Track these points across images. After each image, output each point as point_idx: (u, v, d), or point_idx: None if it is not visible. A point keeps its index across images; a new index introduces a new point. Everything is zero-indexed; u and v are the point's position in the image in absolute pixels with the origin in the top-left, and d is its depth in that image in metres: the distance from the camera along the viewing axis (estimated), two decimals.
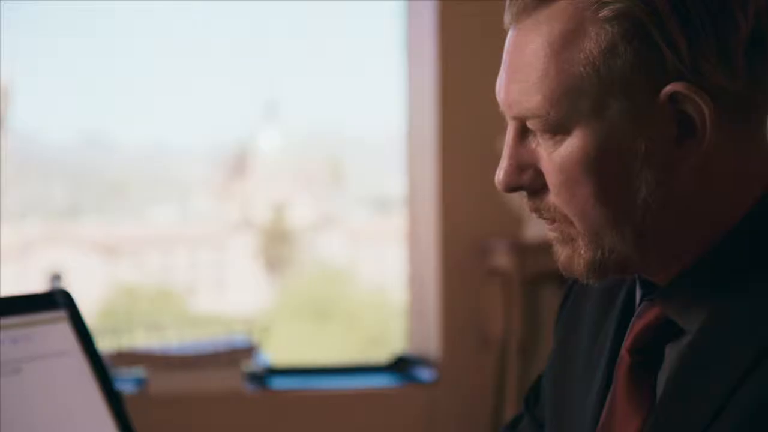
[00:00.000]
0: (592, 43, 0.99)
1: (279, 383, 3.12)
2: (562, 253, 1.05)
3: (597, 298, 1.14)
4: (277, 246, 4.47)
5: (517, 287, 2.94)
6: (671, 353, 1.05)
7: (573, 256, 1.04)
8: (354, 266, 4.47)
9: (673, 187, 1.00)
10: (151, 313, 4.23)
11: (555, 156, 1.01)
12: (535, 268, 2.92)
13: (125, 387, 2.97)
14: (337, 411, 3.05)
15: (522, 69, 1.02)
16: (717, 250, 1.02)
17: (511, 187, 1.05)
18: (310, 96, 3.95)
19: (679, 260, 1.03)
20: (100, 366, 1.73)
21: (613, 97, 0.99)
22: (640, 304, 1.09)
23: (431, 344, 3.12)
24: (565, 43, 1.00)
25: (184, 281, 4.53)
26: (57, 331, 1.72)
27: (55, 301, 1.73)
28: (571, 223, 1.02)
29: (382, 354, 3.34)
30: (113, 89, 3.85)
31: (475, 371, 3.04)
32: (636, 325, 1.08)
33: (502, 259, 2.97)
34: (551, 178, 1.02)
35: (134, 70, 3.84)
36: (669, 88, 0.98)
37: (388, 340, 3.83)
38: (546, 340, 3.00)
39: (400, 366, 3.21)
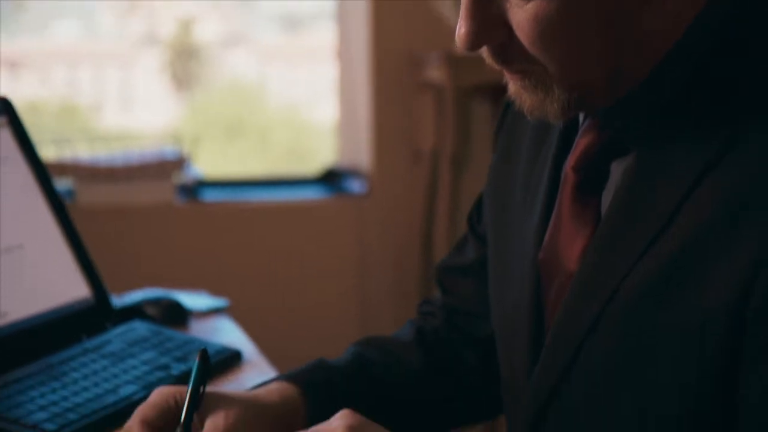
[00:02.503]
0: None
1: (210, 195, 3.11)
2: (530, 98, 1.04)
3: (534, 121, 1.14)
4: (184, 63, 4.38)
5: (449, 100, 2.94)
6: (616, 171, 1.06)
7: (545, 100, 1.03)
8: (264, 84, 4.42)
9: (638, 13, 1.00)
10: (56, 130, 4.14)
11: (529, 6, 0.98)
12: (468, 81, 2.92)
13: None
14: (268, 222, 3.07)
15: None
16: (661, 68, 1.02)
17: (476, 46, 1.01)
18: None
19: (629, 82, 1.03)
20: (42, 172, 1.70)
21: None
22: (583, 124, 1.10)
23: (362, 157, 3.13)
24: None
25: (89, 98, 4.42)
26: None
27: None
28: (545, 70, 1.01)
29: (298, 170, 3.34)
30: None
31: (407, 183, 3.06)
32: (580, 144, 1.08)
33: (435, 71, 2.97)
34: (526, 30, 0.99)
35: None
36: None
37: (304, 156, 3.83)
38: (477, 153, 3.03)
39: (331, 178, 3.22)
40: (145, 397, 1.22)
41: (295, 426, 1.16)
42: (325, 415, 1.12)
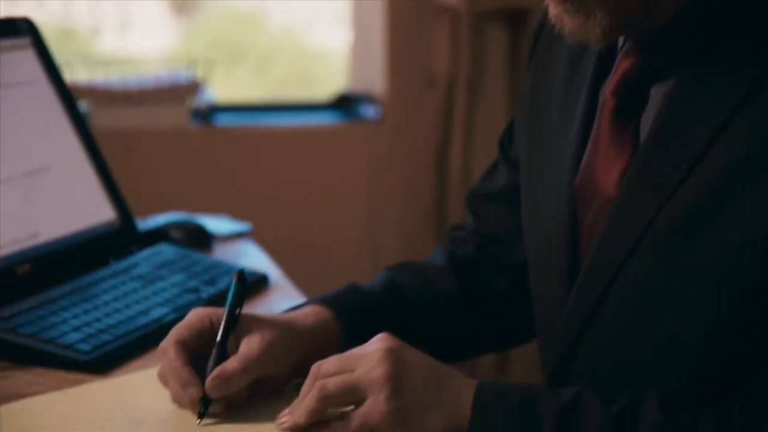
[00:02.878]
0: None
1: (223, 119, 3.10)
2: (571, 21, 1.05)
3: (569, 44, 1.14)
4: None
5: (465, 25, 2.92)
6: (656, 95, 1.06)
7: (587, 24, 1.04)
8: (266, 8, 4.37)
9: None
10: (55, 54, 4.11)
11: None
12: (485, 5, 2.90)
13: None
14: (281, 148, 3.06)
15: None
16: None
17: None
18: None
19: (665, 9, 1.04)
20: (66, 94, 1.70)
21: None
22: (623, 48, 1.09)
23: (376, 82, 3.12)
24: None
25: (87, 21, 4.39)
26: (22, 58, 1.68)
27: (18, 28, 1.68)
28: None
29: (300, 96, 3.32)
30: None
31: (421, 109, 3.05)
32: (620, 67, 1.08)
33: None
34: None
35: None
36: None
37: (307, 82, 3.80)
38: (493, 79, 3.02)
39: (343, 104, 3.21)
40: (176, 320, 1.23)
41: (329, 349, 1.17)
42: (360, 340, 1.13)
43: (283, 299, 1.52)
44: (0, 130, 1.53)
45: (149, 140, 2.95)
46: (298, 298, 1.49)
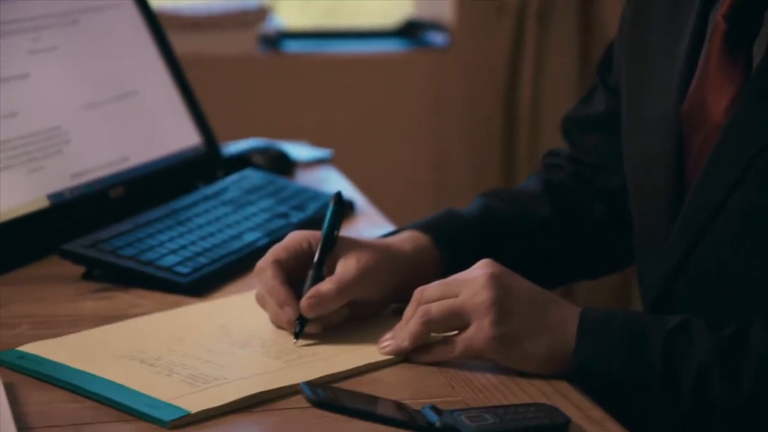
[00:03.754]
0: None
1: (291, 46, 3.09)
2: None
3: None
4: None
5: None
6: None
7: None
8: None
9: None
10: None
11: None
12: None
13: None
14: (348, 74, 3.05)
15: None
16: None
17: None
18: None
19: None
20: (152, 19, 1.70)
21: None
22: None
23: (444, 9, 3.09)
24: None
25: None
26: None
27: None
28: None
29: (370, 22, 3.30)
30: None
31: (490, 37, 3.02)
32: None
33: None
34: None
35: None
36: None
37: (376, 8, 3.77)
38: (564, 7, 2.97)
39: (411, 31, 3.18)
40: (268, 244, 1.23)
41: (427, 275, 1.17)
42: (458, 265, 1.13)
43: (370, 226, 1.52)
44: (89, 54, 1.54)
45: (217, 66, 2.95)
46: (385, 226, 1.49)
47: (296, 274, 1.14)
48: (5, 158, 1.35)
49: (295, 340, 1.10)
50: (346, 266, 1.12)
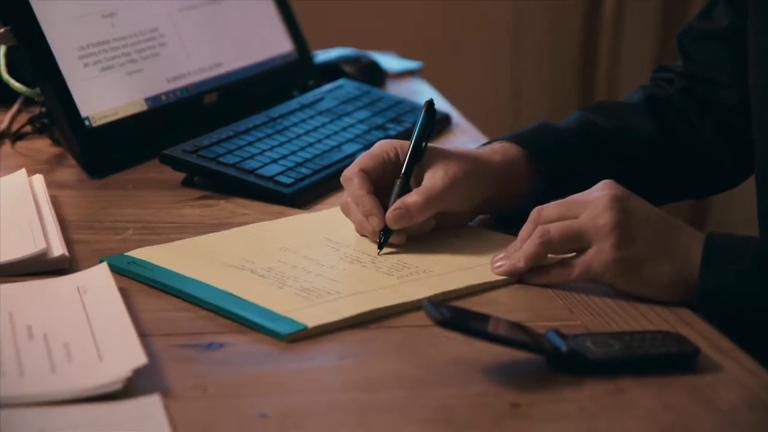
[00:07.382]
0: None
1: None
2: None
3: None
4: None
5: None
6: None
7: None
8: None
9: None
10: None
11: None
12: None
13: None
14: None
15: None
16: None
17: None
18: None
19: None
20: None
21: None
22: None
23: None
24: None
25: None
26: None
27: None
28: None
29: None
30: None
31: None
32: None
33: None
34: None
35: None
36: None
37: None
38: None
39: None
40: None
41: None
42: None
43: (467, 140, 1.48)
44: (224, 24, 1.49)
45: None
46: (482, 139, 1.45)
47: (383, 183, 1.10)
48: (105, 59, 1.32)
49: (378, 251, 1.07)
50: (434, 178, 1.09)
